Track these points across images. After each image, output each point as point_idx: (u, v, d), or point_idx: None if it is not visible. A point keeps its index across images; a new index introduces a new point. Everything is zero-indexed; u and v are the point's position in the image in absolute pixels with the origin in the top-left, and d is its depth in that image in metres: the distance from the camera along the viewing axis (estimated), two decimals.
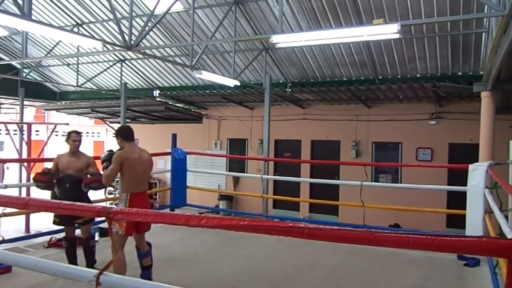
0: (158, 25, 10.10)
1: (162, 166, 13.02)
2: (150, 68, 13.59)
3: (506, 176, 5.17)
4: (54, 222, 4.83)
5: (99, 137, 33.53)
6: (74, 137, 4.88)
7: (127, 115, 11.92)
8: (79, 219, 4.69)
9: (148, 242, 4.39)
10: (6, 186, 5.81)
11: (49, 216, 4.73)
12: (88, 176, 4.81)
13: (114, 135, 4.50)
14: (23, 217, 10.72)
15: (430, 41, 9.25)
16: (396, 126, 11.42)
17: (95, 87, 15.20)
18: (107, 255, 2.49)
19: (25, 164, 11.70)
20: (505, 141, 5.95)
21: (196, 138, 14.45)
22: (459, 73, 10.04)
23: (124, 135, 4.29)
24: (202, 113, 14.73)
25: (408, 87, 9.61)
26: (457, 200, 6.85)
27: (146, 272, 4.27)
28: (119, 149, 4.30)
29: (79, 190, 4.69)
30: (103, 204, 5.87)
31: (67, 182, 4.71)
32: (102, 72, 14.12)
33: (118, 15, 8.81)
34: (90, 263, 4.75)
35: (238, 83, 10.36)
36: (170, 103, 13.72)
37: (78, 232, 5.12)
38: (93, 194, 5.15)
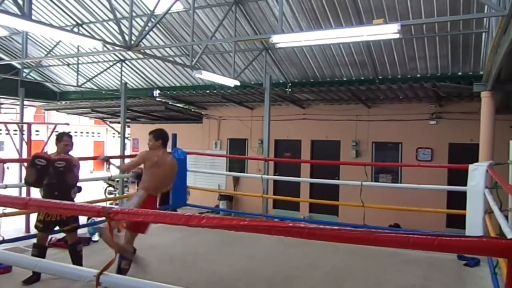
0: (158, 25, 10.11)
1: None
2: (150, 68, 13.59)
3: (506, 176, 5.17)
4: (37, 228, 4.50)
5: (99, 137, 33.57)
6: (66, 141, 4.60)
7: (127, 115, 11.93)
8: (64, 226, 4.50)
9: (135, 249, 4.36)
10: (6, 186, 5.81)
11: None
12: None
13: (152, 133, 4.37)
14: (23, 217, 10.70)
15: (430, 41, 9.25)
16: (396, 126, 11.42)
17: (95, 87, 15.20)
18: (107, 255, 2.49)
19: (25, 164, 11.67)
20: (505, 141, 5.95)
21: (196, 138, 14.45)
22: (459, 73, 10.04)
23: (165, 140, 4.35)
24: (202, 113, 14.73)
25: (408, 87, 9.61)
26: (457, 200, 6.86)
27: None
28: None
29: (68, 195, 4.44)
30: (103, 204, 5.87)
31: (56, 188, 4.42)
32: (102, 72, 14.12)
33: (118, 15, 8.81)
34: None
35: (238, 83, 10.36)
36: (170, 103, 13.72)
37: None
38: (93, 194, 5.15)
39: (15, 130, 12.73)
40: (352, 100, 11.61)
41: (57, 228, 4.61)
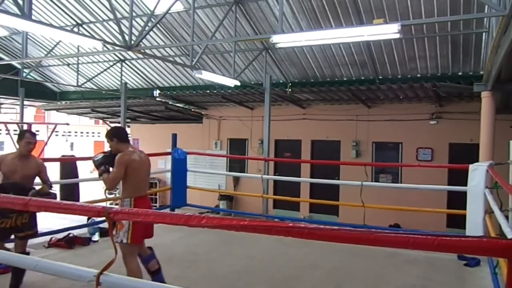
0: (158, 25, 10.10)
1: (162, 166, 13.02)
2: (150, 68, 13.59)
3: (506, 176, 5.19)
4: None
5: (99, 137, 33.59)
6: (28, 139, 4.14)
7: (127, 115, 11.93)
8: (18, 232, 4.11)
9: (149, 246, 4.13)
10: None
11: (49, 216, 4.65)
12: (37, 187, 4.19)
13: (106, 136, 4.01)
14: None
15: (430, 41, 9.25)
16: (396, 126, 11.41)
17: (95, 87, 15.20)
18: (107, 255, 2.49)
19: None
20: (505, 141, 5.97)
21: (196, 138, 14.45)
22: (459, 73, 10.03)
23: (120, 136, 3.99)
24: (202, 113, 14.73)
25: (408, 87, 9.61)
26: (457, 200, 6.86)
27: (157, 276, 4.01)
28: (111, 151, 4.02)
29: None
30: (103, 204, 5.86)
31: (10, 190, 3.84)
32: (102, 72, 14.12)
33: (118, 15, 8.80)
34: (16, 283, 3.99)
35: (238, 83, 10.36)
36: (170, 103, 13.71)
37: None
38: (92, 194, 5.14)
39: (15, 130, 12.73)
40: (352, 100, 11.61)
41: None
